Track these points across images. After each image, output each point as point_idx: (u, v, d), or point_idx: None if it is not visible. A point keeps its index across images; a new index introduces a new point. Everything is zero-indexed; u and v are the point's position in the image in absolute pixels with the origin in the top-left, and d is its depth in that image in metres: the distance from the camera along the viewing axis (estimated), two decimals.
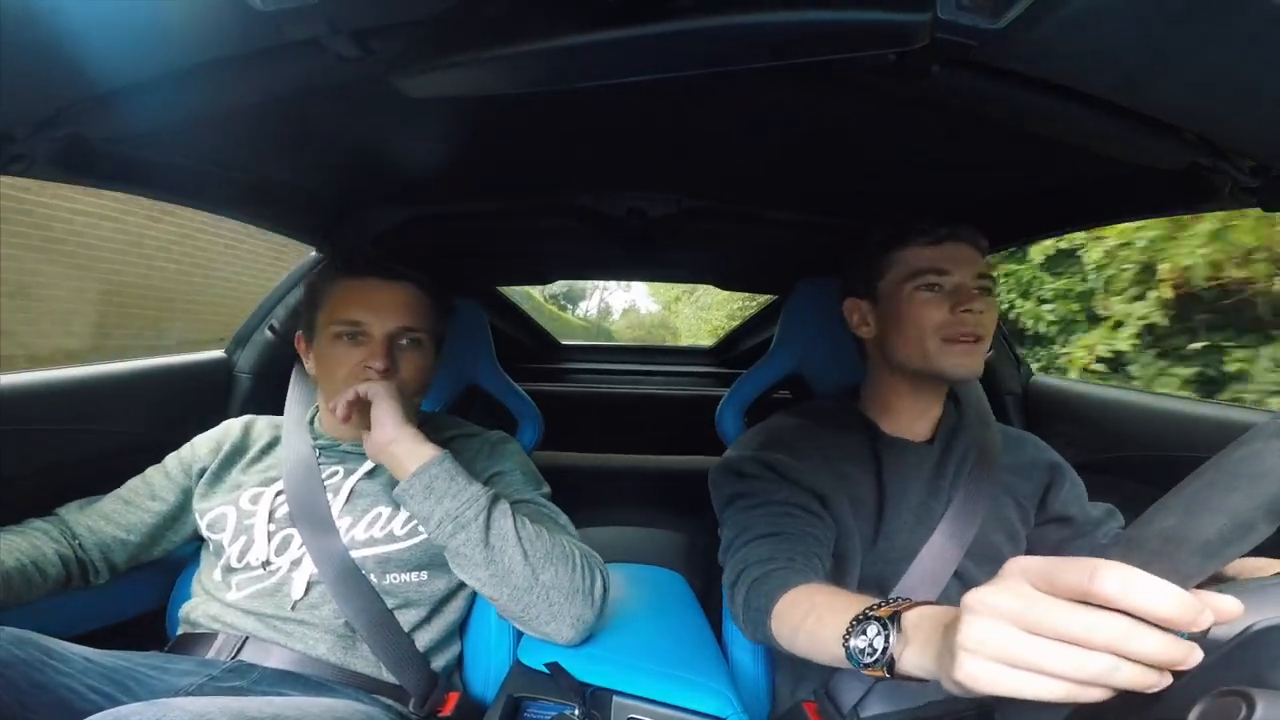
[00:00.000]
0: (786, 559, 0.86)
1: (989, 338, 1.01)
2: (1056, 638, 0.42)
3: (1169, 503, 0.44)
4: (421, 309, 1.09)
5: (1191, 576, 0.42)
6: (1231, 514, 0.41)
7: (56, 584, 0.96)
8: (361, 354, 1.02)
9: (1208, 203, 0.93)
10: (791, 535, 0.90)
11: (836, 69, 0.74)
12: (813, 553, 0.89)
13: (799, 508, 0.95)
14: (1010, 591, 0.44)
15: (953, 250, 1.01)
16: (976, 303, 0.98)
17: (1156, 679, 0.41)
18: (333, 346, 1.04)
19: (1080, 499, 1.08)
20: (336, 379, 1.03)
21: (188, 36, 0.64)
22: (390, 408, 0.94)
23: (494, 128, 1.05)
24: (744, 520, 0.96)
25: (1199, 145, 0.79)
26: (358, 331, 1.03)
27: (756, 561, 0.87)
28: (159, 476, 1.09)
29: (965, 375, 1.01)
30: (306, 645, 0.95)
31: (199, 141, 1.03)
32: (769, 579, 0.83)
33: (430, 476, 0.90)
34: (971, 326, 0.98)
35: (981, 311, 0.98)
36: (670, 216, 1.44)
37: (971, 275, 1.00)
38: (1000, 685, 0.43)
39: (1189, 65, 0.60)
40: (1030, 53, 0.62)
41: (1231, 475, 0.43)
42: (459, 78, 0.66)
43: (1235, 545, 0.42)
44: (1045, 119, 0.78)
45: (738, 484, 1.02)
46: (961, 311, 0.98)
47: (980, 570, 0.98)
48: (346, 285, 1.06)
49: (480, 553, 0.88)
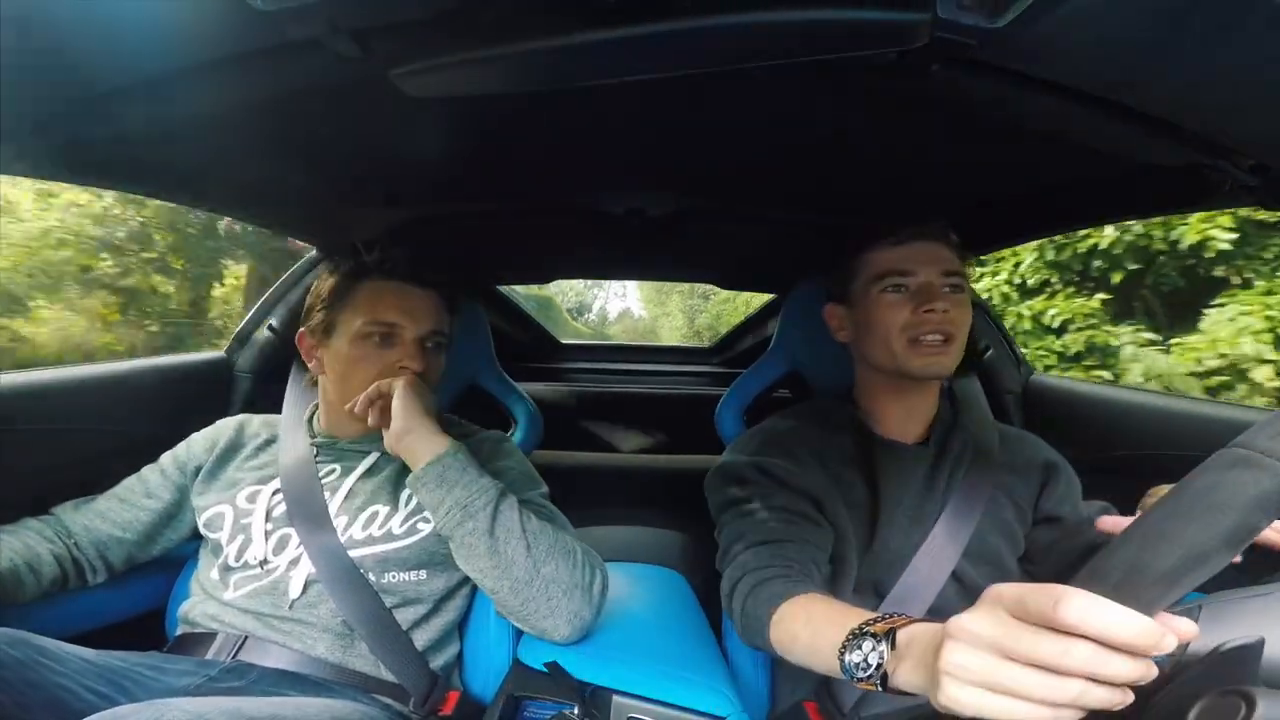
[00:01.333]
0: (783, 566, 0.87)
1: (958, 337, 1.00)
2: (1030, 664, 0.44)
3: (1131, 533, 0.46)
4: (444, 313, 1.12)
5: (1154, 604, 0.43)
6: (1189, 545, 0.43)
7: (52, 584, 0.96)
8: (394, 355, 1.04)
9: (1207, 201, 0.93)
10: (787, 542, 0.91)
11: (837, 68, 0.74)
12: (809, 559, 0.89)
13: (796, 514, 0.95)
14: (988, 619, 0.47)
15: (919, 250, 1.01)
16: (940, 301, 0.98)
17: (1122, 698, 0.43)
18: (359, 346, 1.04)
19: (1074, 498, 1.08)
20: (359, 379, 1.03)
21: (188, 36, 0.64)
22: (411, 399, 0.96)
23: (494, 127, 1.05)
24: (740, 527, 0.96)
25: (1199, 144, 0.79)
26: (390, 333, 1.05)
27: (753, 569, 0.88)
28: (155, 475, 1.09)
29: (933, 375, 1.00)
30: (305, 644, 0.94)
31: (199, 141, 1.02)
32: (766, 587, 0.84)
33: (444, 466, 0.92)
34: (935, 325, 0.98)
35: (947, 310, 0.98)
36: (669, 216, 1.44)
37: (938, 273, 1.00)
38: (981, 709, 0.46)
39: (1189, 64, 0.60)
40: (1030, 52, 0.62)
41: (1190, 506, 0.44)
42: (459, 77, 0.66)
43: (1194, 574, 0.43)
44: (1045, 118, 0.78)
45: (734, 490, 1.02)
46: (925, 311, 0.98)
47: (977, 572, 0.98)
48: (379, 286, 1.07)
49: (485, 542, 0.89)
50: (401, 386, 0.97)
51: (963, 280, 1.02)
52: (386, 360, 1.04)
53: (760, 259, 1.89)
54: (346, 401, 1.01)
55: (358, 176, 1.28)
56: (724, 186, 1.36)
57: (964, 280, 1.02)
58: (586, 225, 1.48)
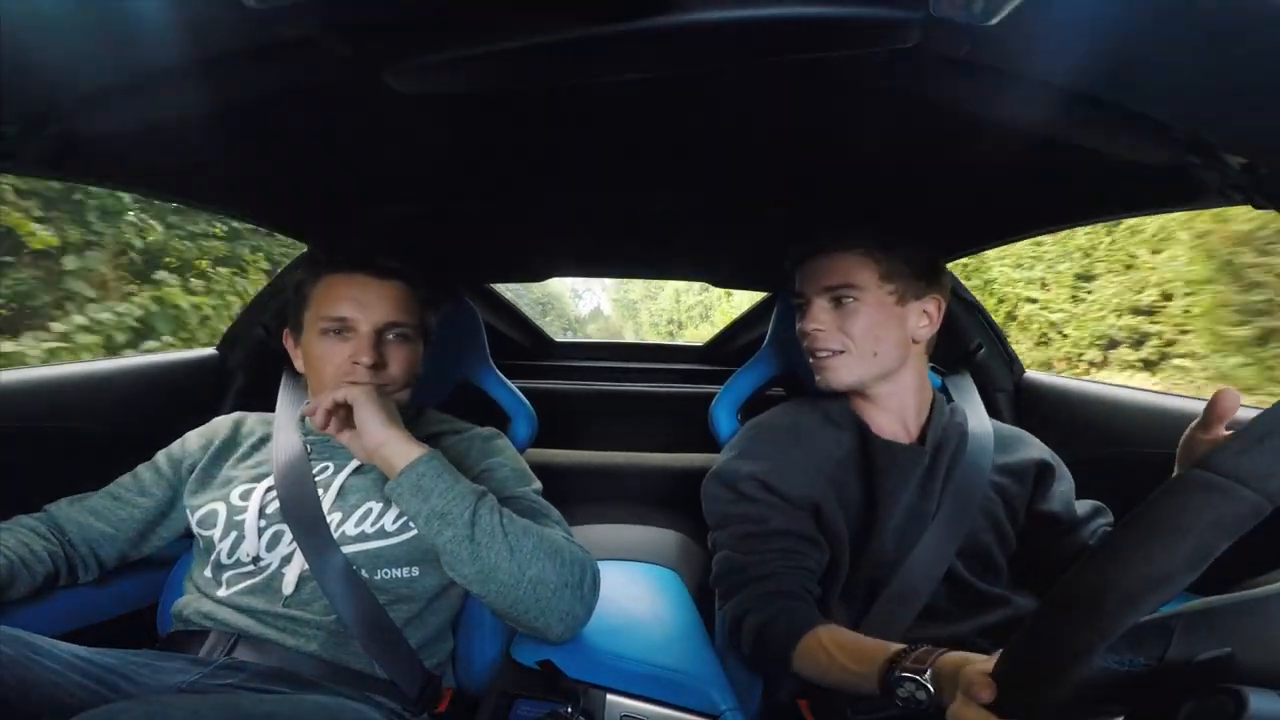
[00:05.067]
0: (785, 600, 0.93)
1: (847, 350, 1.05)
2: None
3: (1097, 554, 0.48)
4: (408, 303, 1.10)
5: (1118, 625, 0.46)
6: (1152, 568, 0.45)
7: (45, 581, 0.95)
8: (349, 349, 1.03)
9: (1196, 200, 0.94)
10: (784, 574, 0.95)
11: (830, 66, 0.74)
12: (805, 590, 0.95)
13: (794, 535, 0.98)
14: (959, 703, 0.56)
15: (807, 267, 1.09)
16: (809, 321, 1.06)
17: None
18: (319, 343, 1.04)
19: (1067, 497, 1.09)
20: (324, 375, 1.03)
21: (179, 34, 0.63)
22: (373, 411, 0.94)
23: (487, 125, 1.05)
24: (739, 552, 1.00)
25: (1188, 143, 0.79)
26: (344, 327, 1.04)
27: (756, 608, 0.93)
28: (149, 473, 1.08)
29: (827, 387, 1.08)
30: (299, 642, 0.94)
31: (190, 138, 1.02)
32: (776, 624, 0.90)
33: (418, 475, 0.91)
34: (809, 344, 1.07)
35: (819, 329, 1.05)
36: (664, 215, 1.44)
37: (817, 289, 1.06)
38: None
39: (1180, 63, 0.60)
40: (1022, 50, 0.62)
41: (1152, 528, 0.46)
42: (452, 75, 0.66)
43: (1156, 595, 0.45)
44: (1036, 117, 0.78)
45: (731, 504, 1.04)
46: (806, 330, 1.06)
47: (971, 571, 0.99)
48: (332, 281, 1.07)
49: (466, 549, 0.88)
50: (362, 397, 0.95)
51: (851, 290, 1.05)
52: (342, 355, 1.03)
53: (754, 257, 1.90)
54: None
55: (350, 174, 1.27)
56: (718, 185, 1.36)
57: (850, 291, 1.05)
58: (580, 224, 1.48)
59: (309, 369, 1.07)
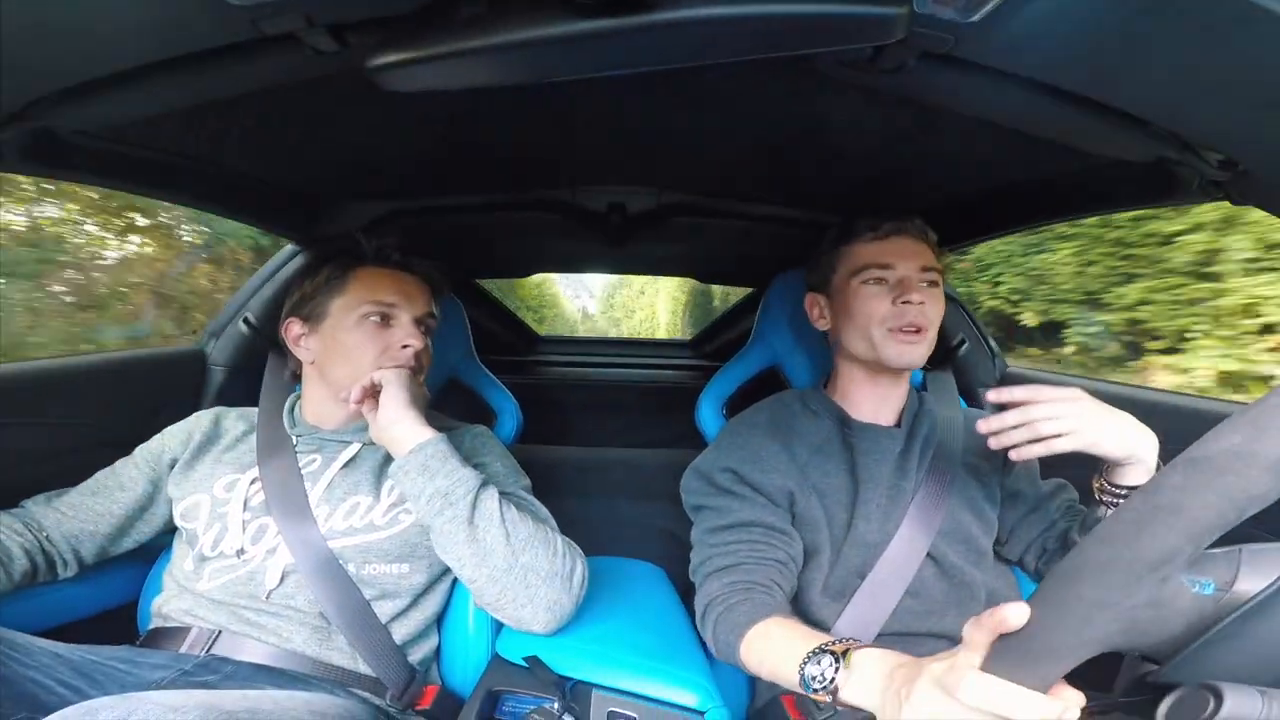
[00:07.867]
0: (744, 592, 0.92)
1: (931, 329, 1.05)
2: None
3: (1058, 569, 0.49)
4: (433, 299, 1.15)
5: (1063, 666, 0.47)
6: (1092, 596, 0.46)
7: (22, 577, 0.94)
8: (395, 335, 1.06)
9: (1175, 196, 0.95)
10: (750, 565, 0.95)
11: (814, 63, 0.74)
12: (771, 580, 0.94)
13: (763, 527, 0.99)
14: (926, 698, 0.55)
15: (897, 244, 1.06)
16: (915, 294, 1.02)
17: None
18: (358, 329, 1.06)
19: (1031, 475, 1.12)
20: (364, 359, 1.04)
21: (162, 30, 0.63)
22: (399, 391, 0.98)
23: (473, 122, 1.04)
24: (709, 545, 1.01)
25: (1168, 139, 0.80)
26: (390, 314, 1.07)
27: (719, 597, 0.93)
28: (128, 467, 1.07)
29: (906, 365, 1.05)
30: (281, 638, 0.94)
31: (174, 135, 1.01)
32: (733, 613, 0.89)
33: (426, 455, 0.93)
34: (912, 318, 1.03)
35: (922, 303, 1.03)
36: (649, 211, 1.44)
37: (916, 268, 1.04)
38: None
39: (1160, 60, 0.61)
40: (1005, 47, 0.63)
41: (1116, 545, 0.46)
42: (437, 71, 0.66)
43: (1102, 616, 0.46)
44: (1019, 113, 0.79)
45: (708, 496, 1.05)
46: (902, 303, 1.02)
47: (953, 550, 1.00)
48: (374, 272, 1.10)
49: (464, 530, 0.90)
50: (392, 378, 0.98)
51: (938, 276, 1.06)
52: (387, 340, 1.06)
53: (739, 253, 1.90)
54: (344, 387, 1.02)
55: (336, 171, 1.27)
56: (703, 181, 1.36)
57: (939, 276, 1.07)
58: (566, 220, 1.48)
59: (335, 355, 1.07)
